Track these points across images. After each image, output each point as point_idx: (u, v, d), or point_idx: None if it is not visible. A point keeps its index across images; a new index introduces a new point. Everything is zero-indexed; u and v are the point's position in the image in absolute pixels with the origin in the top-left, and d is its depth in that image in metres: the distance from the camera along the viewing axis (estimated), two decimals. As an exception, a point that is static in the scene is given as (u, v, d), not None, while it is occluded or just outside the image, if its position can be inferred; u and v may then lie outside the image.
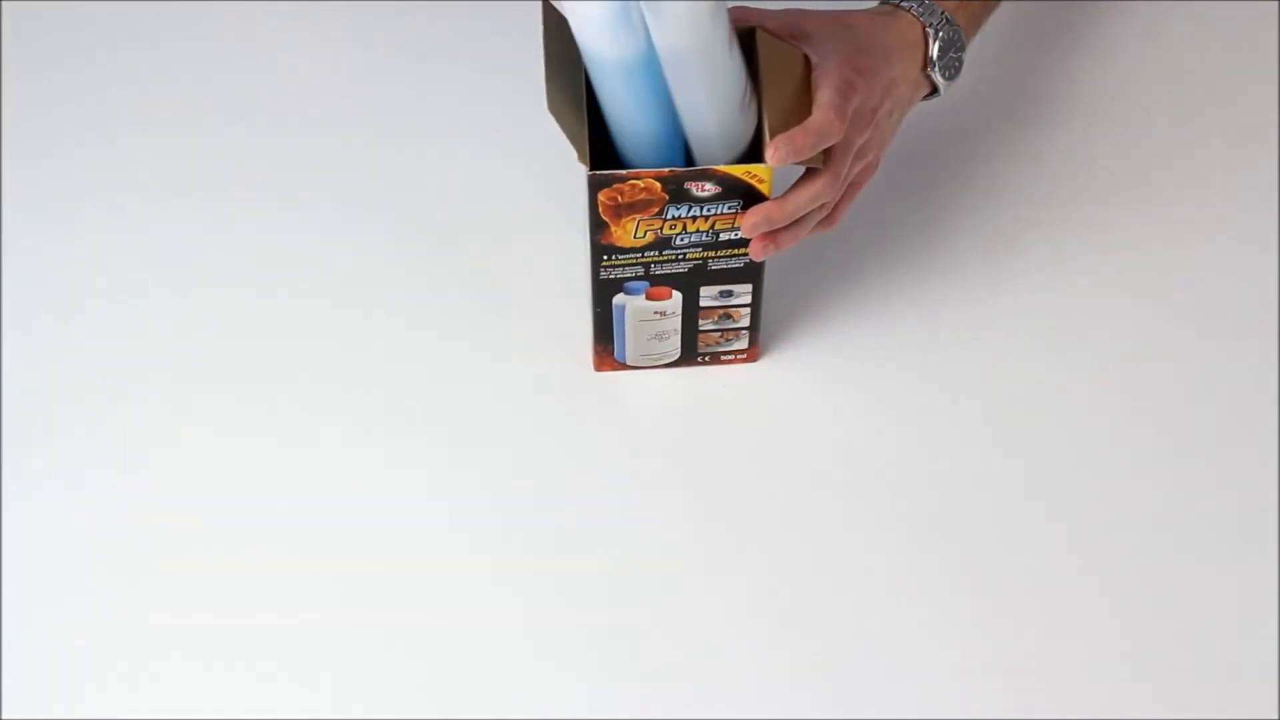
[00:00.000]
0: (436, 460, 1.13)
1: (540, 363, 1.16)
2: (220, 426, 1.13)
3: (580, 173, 1.04)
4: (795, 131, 1.01)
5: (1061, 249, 1.22)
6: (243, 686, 1.03)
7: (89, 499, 1.10)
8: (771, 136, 1.01)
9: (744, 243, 1.06)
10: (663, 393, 1.15)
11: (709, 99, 1.01)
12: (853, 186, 1.09)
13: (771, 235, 1.05)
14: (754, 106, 1.03)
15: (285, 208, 1.24)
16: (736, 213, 1.04)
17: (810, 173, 1.04)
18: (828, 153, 1.03)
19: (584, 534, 1.09)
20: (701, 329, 1.13)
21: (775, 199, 1.04)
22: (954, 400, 1.15)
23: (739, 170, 1.02)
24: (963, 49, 1.11)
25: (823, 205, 1.06)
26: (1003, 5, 1.18)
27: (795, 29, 1.06)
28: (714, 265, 1.08)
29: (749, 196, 1.04)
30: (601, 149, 1.07)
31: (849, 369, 1.16)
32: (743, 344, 1.15)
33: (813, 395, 1.15)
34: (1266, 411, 1.13)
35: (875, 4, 1.11)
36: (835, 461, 1.12)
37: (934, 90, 1.12)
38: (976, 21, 1.14)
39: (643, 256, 1.07)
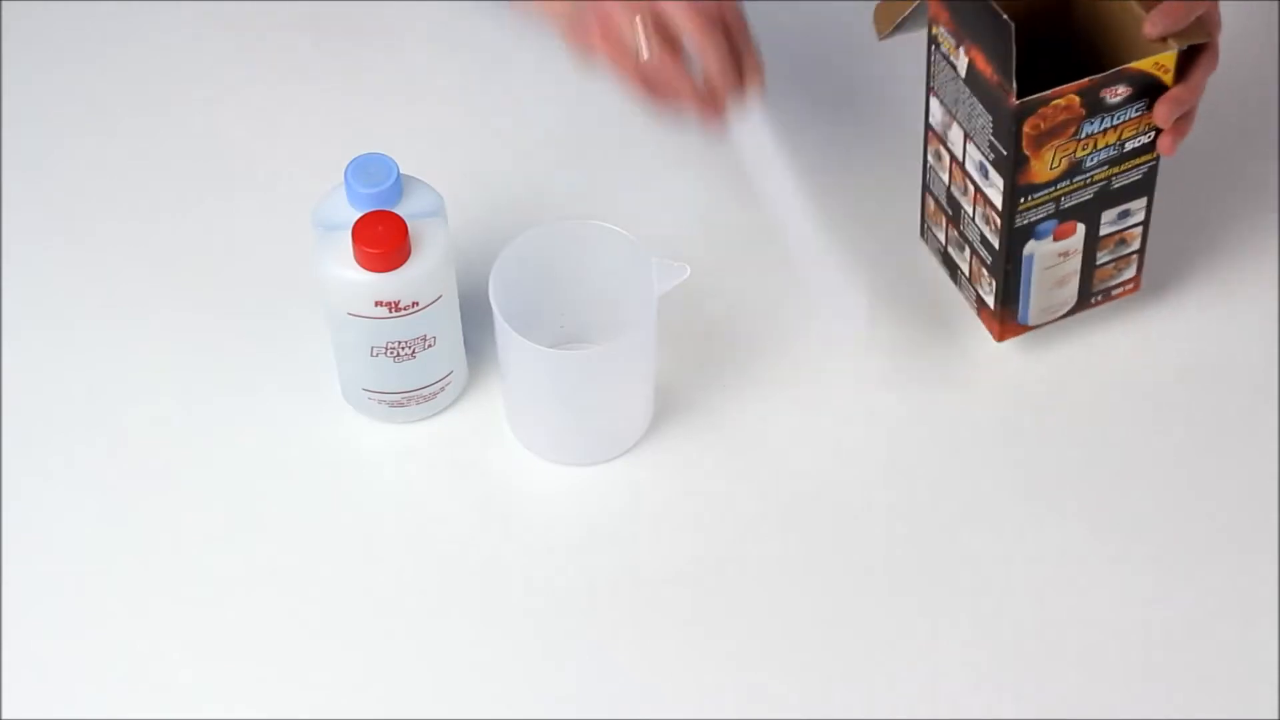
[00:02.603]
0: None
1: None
2: (231, 423, 1.12)
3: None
4: (1170, 4, 1.00)
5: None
6: (243, 686, 1.02)
7: (89, 499, 1.09)
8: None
9: (1147, 149, 1.05)
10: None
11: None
12: None
13: (1179, 125, 1.04)
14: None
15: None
16: (1142, 114, 1.03)
17: (1196, 50, 1.03)
18: (1204, 21, 1.02)
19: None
20: (1099, 263, 1.10)
21: (1179, 84, 1.03)
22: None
23: (1147, 64, 1.00)
24: None
25: None
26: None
27: None
28: (1117, 183, 1.06)
29: (1154, 92, 1.02)
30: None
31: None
32: (1131, 271, 1.12)
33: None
34: (1267, 416, 1.13)
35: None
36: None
37: None
38: None
39: (1056, 189, 1.04)
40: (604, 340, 1.09)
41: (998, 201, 1.04)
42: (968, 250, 1.10)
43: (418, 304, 1.04)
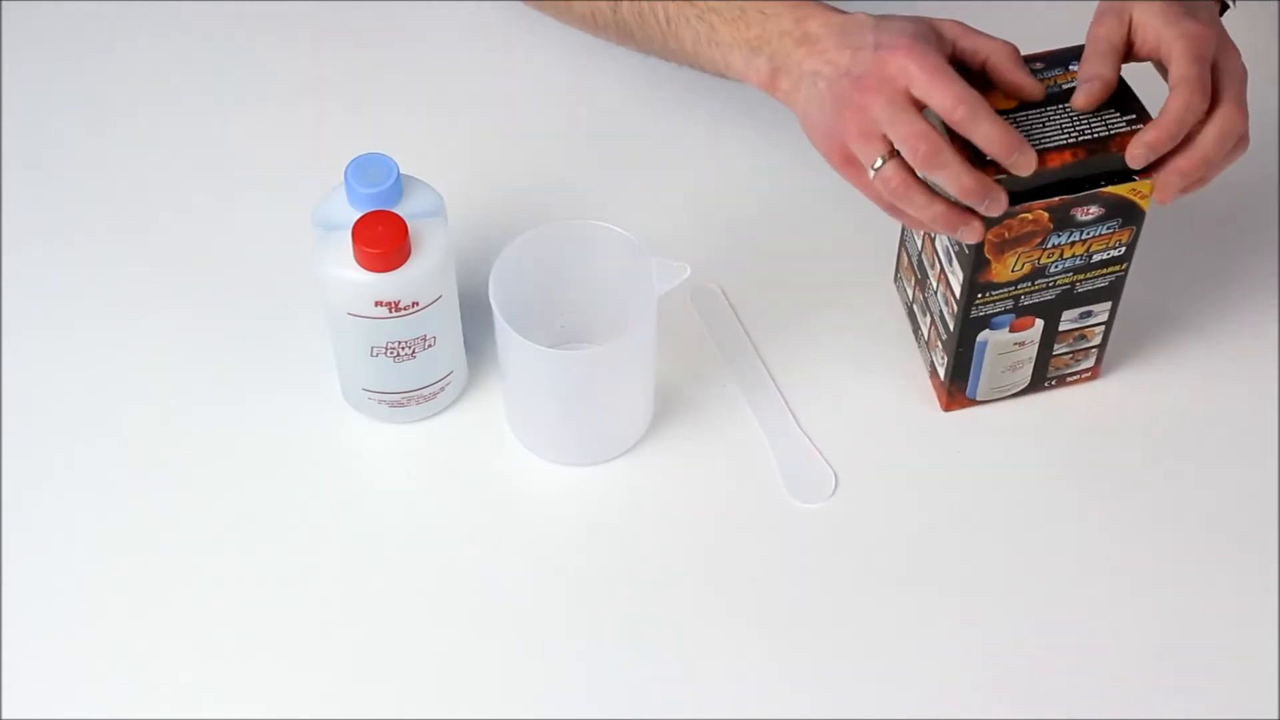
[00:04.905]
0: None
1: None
2: (231, 423, 1.12)
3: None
4: (1150, 135, 0.97)
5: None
6: (243, 686, 1.02)
7: (89, 498, 1.09)
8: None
9: (1116, 260, 1.04)
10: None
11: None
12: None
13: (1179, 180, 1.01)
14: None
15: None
16: (1114, 232, 1.02)
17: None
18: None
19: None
20: (1055, 353, 1.10)
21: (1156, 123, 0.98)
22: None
23: (1124, 189, 1.00)
24: None
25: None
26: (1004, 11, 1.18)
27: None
28: (1081, 288, 1.06)
29: (1129, 214, 1.01)
30: None
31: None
32: (1090, 363, 1.12)
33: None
34: (1266, 426, 1.13)
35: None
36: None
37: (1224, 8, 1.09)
38: None
39: (1015, 289, 1.04)
40: (604, 340, 1.09)
41: (957, 291, 1.04)
42: (929, 317, 1.11)
43: (418, 304, 1.04)
